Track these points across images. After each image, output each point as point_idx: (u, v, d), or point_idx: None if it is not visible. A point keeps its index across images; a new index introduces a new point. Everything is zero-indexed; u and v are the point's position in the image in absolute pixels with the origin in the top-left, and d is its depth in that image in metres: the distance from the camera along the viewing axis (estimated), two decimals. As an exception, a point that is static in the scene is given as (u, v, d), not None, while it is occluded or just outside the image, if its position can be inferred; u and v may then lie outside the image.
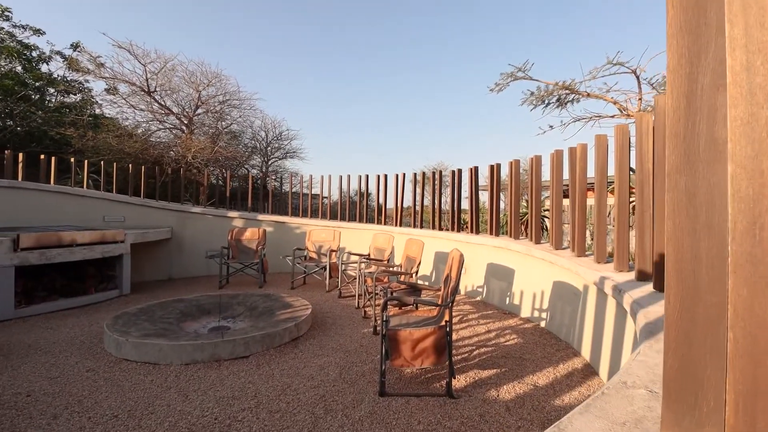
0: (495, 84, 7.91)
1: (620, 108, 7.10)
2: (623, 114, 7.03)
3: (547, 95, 7.49)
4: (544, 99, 7.63)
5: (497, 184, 5.85)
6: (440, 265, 6.22)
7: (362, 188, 7.89)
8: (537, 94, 7.52)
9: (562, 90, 7.17)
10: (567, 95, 7.39)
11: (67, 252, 4.88)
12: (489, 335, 3.96)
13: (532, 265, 4.63)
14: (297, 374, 2.97)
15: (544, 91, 7.39)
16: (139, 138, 10.83)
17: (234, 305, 4.71)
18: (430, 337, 2.52)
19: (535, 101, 7.72)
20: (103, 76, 10.90)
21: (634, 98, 6.85)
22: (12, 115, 11.37)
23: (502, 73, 7.67)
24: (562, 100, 7.49)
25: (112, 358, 3.27)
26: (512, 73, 7.39)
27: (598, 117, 7.57)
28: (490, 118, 45.64)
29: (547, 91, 7.39)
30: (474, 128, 45.51)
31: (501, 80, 7.69)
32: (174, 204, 7.67)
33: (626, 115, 6.93)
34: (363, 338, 3.83)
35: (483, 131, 46.05)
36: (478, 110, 44.49)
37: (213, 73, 11.53)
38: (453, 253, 3.03)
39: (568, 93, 7.31)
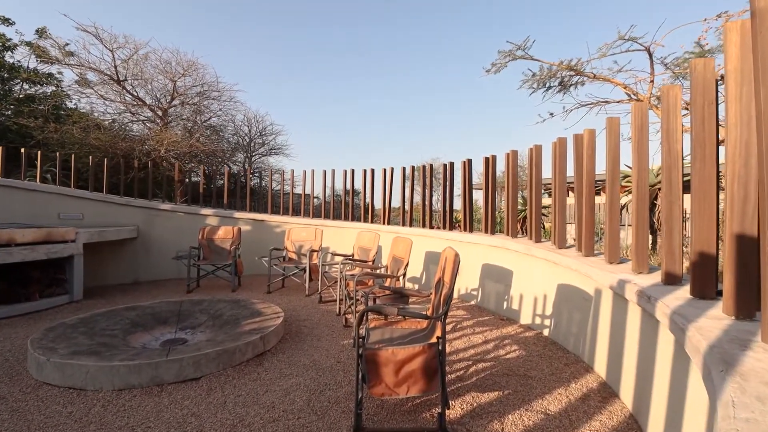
0: (492, 64, 7.36)
1: (629, 92, 6.62)
2: (632, 99, 6.55)
3: (549, 77, 6.95)
4: (545, 82, 7.11)
5: (493, 177, 5.36)
6: (431, 266, 5.71)
7: (348, 184, 7.34)
8: (538, 76, 6.98)
9: (565, 70, 6.63)
10: (570, 77, 6.86)
11: (4, 252, 4.23)
12: (487, 346, 3.45)
13: (533, 266, 4.15)
14: (255, 402, 2.42)
15: (546, 71, 6.86)
16: (107, 130, 10.10)
17: (196, 313, 4.12)
18: (417, 357, 1.99)
19: (535, 84, 7.19)
20: (70, 63, 10.13)
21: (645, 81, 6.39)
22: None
23: (500, 51, 7.10)
24: (565, 83, 6.94)
25: (32, 382, 2.68)
26: (511, 52, 6.81)
27: (605, 102, 7.06)
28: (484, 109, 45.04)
29: (549, 72, 6.84)
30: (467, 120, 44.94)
31: (498, 60, 7.14)
32: (140, 200, 7.02)
33: (636, 100, 6.47)
34: (341, 352, 3.29)
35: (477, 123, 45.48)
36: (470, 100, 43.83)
37: (188, 62, 10.84)
38: (446, 252, 2.51)
39: (573, 74, 6.77)
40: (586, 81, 6.91)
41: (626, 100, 6.80)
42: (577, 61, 6.61)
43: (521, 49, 6.72)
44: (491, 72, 7.49)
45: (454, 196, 6.16)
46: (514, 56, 6.83)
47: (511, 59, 6.94)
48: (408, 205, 6.67)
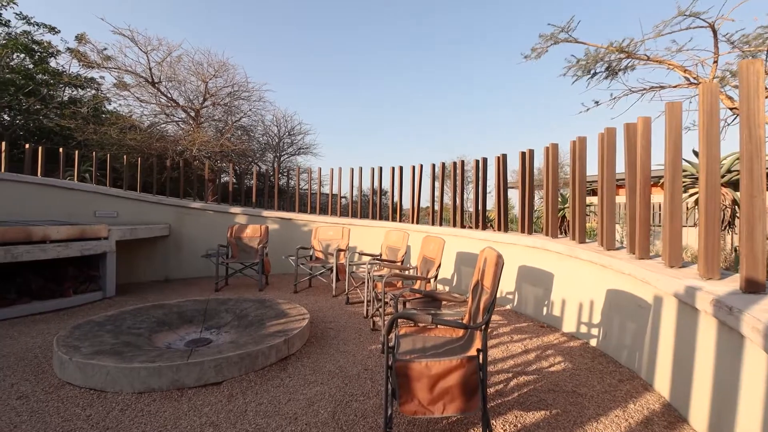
0: (531, 49, 6.84)
1: (688, 75, 5.96)
2: (691, 83, 5.94)
3: (595, 61, 6.37)
4: (590, 68, 6.56)
5: (530, 174, 5.00)
6: (463, 268, 5.42)
7: (375, 182, 7.16)
8: (583, 61, 6.41)
9: (614, 53, 6.03)
10: (620, 61, 6.25)
11: (38, 249, 4.32)
12: (527, 357, 3.15)
13: (577, 269, 3.79)
14: (276, 412, 2.25)
15: (592, 55, 6.29)
16: (142, 131, 10.41)
17: (222, 313, 4.04)
18: (455, 372, 1.75)
19: (580, 70, 6.64)
20: (108, 66, 10.52)
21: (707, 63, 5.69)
22: (21, 110, 11.14)
23: (542, 35, 6.55)
24: (613, 67, 6.35)
25: (55, 381, 2.63)
26: (552, 35, 6.31)
27: (659, 87, 6.43)
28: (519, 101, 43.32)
29: (596, 56, 6.27)
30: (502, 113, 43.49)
31: (539, 44, 6.61)
32: (172, 199, 7.11)
33: (695, 84, 5.85)
34: (369, 358, 3.08)
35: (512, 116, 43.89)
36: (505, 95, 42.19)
37: (219, 63, 11.02)
38: (486, 253, 2.25)
39: (623, 57, 6.15)
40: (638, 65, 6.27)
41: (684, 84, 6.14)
42: (629, 41, 5.99)
43: (564, 31, 6.16)
44: (531, 58, 6.96)
45: (486, 193, 5.85)
46: (557, 39, 6.30)
47: (553, 43, 6.41)
48: (438, 204, 6.40)
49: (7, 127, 10.77)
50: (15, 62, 11.29)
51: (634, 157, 3.40)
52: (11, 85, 10.61)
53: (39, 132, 11.25)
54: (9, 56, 10.97)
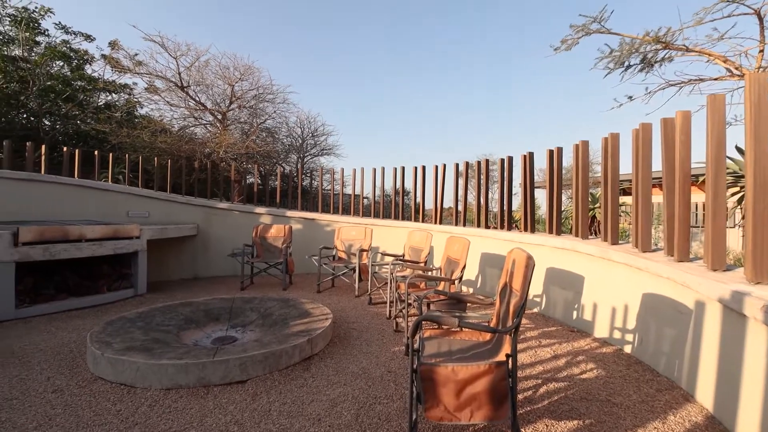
0: (561, 41, 6.55)
1: (730, 67, 5.56)
2: (733, 75, 5.54)
3: (629, 53, 6.04)
4: (623, 60, 6.23)
5: (558, 172, 4.84)
6: (487, 269, 5.30)
7: (398, 182, 7.11)
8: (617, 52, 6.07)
9: (651, 43, 5.68)
10: (656, 52, 5.90)
11: (74, 248, 4.50)
12: (557, 363, 3.03)
13: (609, 272, 3.62)
14: (300, 413, 2.24)
15: (626, 46, 5.95)
16: (172, 134, 10.77)
17: (247, 311, 4.09)
18: (483, 377, 1.68)
19: (612, 63, 6.32)
20: (140, 72, 10.94)
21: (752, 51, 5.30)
22: (60, 115, 11.73)
23: (572, 26, 6.26)
24: (648, 59, 6.00)
25: (88, 376, 2.72)
26: (584, 26, 6.02)
27: (698, 80, 6.03)
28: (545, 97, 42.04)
29: (630, 47, 5.93)
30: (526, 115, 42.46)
31: (570, 35, 6.33)
32: (200, 199, 7.29)
33: (738, 75, 5.45)
34: (392, 360, 3.04)
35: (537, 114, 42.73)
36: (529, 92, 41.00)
37: (245, 66, 11.27)
38: (514, 254, 2.16)
39: (659, 48, 5.79)
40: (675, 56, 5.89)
41: (726, 76, 5.73)
42: (666, 31, 5.62)
43: (597, 21, 5.84)
44: (560, 50, 6.67)
45: (512, 193, 5.70)
46: (588, 30, 6.00)
47: (584, 34, 6.11)
48: (462, 204, 6.30)
49: (47, 132, 11.36)
50: (55, 70, 11.90)
51: (672, 154, 3.22)
52: (51, 91, 11.19)
53: (76, 136, 11.80)
54: (49, 64, 11.58)
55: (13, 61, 10.77)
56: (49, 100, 11.18)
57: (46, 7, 11.65)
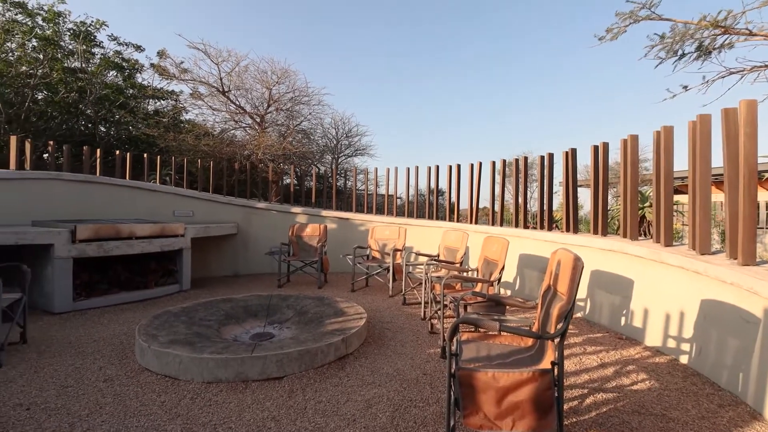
0: (607, 30, 6.12)
1: None
2: None
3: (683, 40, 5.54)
4: (676, 47, 5.75)
5: (604, 169, 4.57)
6: (526, 271, 5.10)
7: (432, 181, 7.01)
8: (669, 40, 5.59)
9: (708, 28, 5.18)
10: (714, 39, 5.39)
11: (125, 245, 4.77)
12: (604, 372, 2.84)
13: (662, 276, 3.37)
14: (335, 412, 2.23)
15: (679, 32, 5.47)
16: (214, 137, 11.23)
17: (283, 308, 4.17)
18: (526, 386, 1.59)
19: (664, 51, 5.85)
20: (185, 79, 11.51)
21: None
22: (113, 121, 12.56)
23: (618, 13, 5.85)
24: (705, 46, 5.49)
25: (136, 367, 2.86)
26: (632, 13, 5.59)
27: (763, 66, 5.42)
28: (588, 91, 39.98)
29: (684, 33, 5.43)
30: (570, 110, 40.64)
31: (616, 23, 5.90)
32: (240, 199, 7.55)
33: None
34: (427, 362, 2.98)
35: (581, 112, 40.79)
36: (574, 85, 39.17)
37: (282, 70, 11.54)
38: (559, 256, 2.04)
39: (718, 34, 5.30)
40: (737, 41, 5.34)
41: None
42: (727, 14, 5.12)
43: (646, 7, 5.39)
44: (606, 40, 6.23)
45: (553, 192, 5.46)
46: (636, 18, 5.55)
47: (632, 21, 5.66)
48: (498, 203, 6.11)
49: (102, 137, 12.21)
50: (109, 79, 12.76)
51: (735, 148, 2.94)
52: (106, 100, 12.01)
53: (128, 140, 12.60)
54: (104, 74, 12.43)
55: (72, 73, 11.65)
56: (104, 107, 12.01)
57: (101, 21, 12.52)
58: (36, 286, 4.31)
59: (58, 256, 4.24)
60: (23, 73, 10.75)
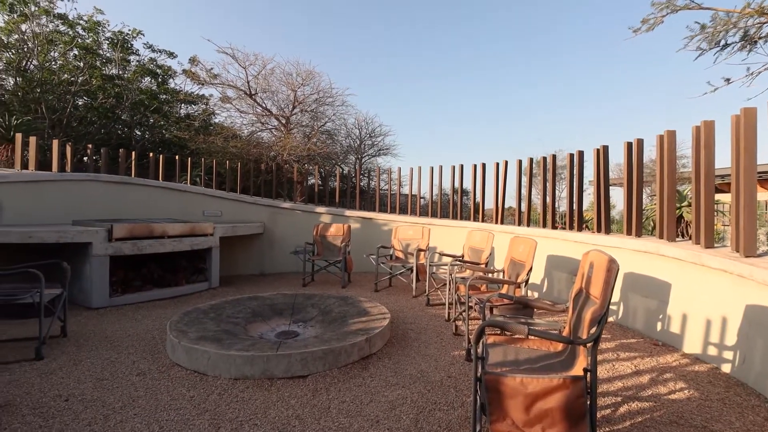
0: (642, 21, 5.84)
1: None
2: None
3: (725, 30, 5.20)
4: (718, 38, 5.39)
5: (638, 167, 4.38)
6: (554, 272, 4.94)
7: (456, 181, 6.92)
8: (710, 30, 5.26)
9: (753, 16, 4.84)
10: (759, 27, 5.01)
11: (158, 243, 4.95)
12: (639, 379, 2.71)
13: (702, 279, 3.18)
14: (359, 413, 2.22)
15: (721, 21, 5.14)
16: (242, 139, 11.53)
17: (308, 307, 4.21)
18: (556, 393, 1.53)
19: (705, 42, 5.51)
20: (214, 83, 11.87)
21: None
22: (147, 125, 13.11)
23: (655, 3, 5.58)
24: (749, 36, 5.13)
25: (167, 361, 2.95)
26: (669, 2, 5.31)
27: None
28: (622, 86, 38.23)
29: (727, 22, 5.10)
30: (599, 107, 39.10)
31: (653, 14, 5.62)
32: (265, 199, 7.69)
33: None
34: (452, 365, 2.93)
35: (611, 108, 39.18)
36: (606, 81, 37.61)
37: (306, 72, 11.73)
38: (592, 257, 1.96)
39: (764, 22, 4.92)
40: None
41: None
42: None
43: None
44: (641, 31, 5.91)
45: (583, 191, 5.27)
46: (674, 7, 5.25)
47: (669, 11, 5.36)
48: (525, 203, 5.96)
49: (138, 140, 12.76)
50: (144, 85, 13.33)
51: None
52: (141, 105, 12.55)
53: (161, 143, 13.12)
54: (139, 80, 12.99)
55: (110, 80, 12.24)
56: (139, 112, 12.56)
57: (137, 30, 13.09)
58: (75, 283, 4.54)
59: (96, 254, 4.45)
60: (65, 80, 11.37)
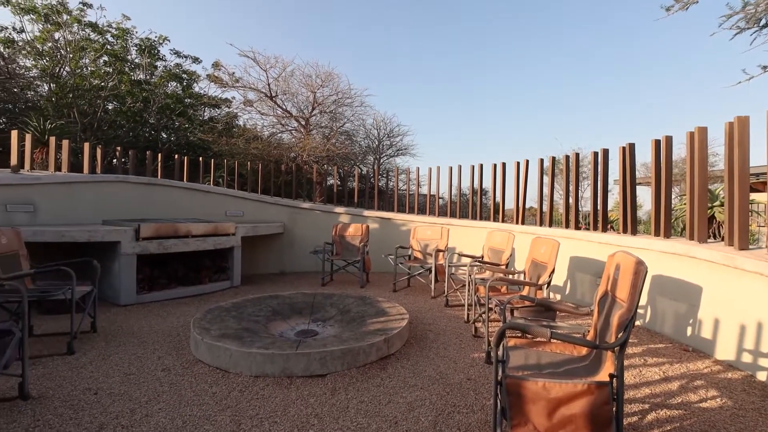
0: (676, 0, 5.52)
1: None
2: None
3: None
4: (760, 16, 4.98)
5: (667, 165, 4.22)
6: (577, 274, 4.82)
7: (475, 181, 6.84)
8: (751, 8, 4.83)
9: None
10: None
11: (182, 243, 5.08)
12: (668, 386, 2.61)
13: (737, 283, 3.03)
14: (377, 413, 2.22)
15: None
16: (263, 140, 11.73)
17: (327, 307, 4.24)
18: (581, 399, 1.48)
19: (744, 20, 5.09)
20: (236, 86, 12.12)
21: None
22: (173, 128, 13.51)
23: None
24: None
25: (190, 358, 3.02)
26: None
27: None
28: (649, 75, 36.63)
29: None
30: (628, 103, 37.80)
31: None
32: (285, 200, 7.80)
33: None
34: (471, 367, 2.89)
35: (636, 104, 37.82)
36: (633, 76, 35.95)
37: (326, 73, 11.83)
38: (619, 259, 1.89)
39: None
40: None
41: None
42: None
43: None
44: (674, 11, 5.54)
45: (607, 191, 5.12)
46: None
47: None
48: (547, 203, 5.83)
49: (164, 143, 13.15)
50: (170, 90, 13.74)
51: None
52: (167, 109, 12.95)
53: (186, 146, 13.49)
54: (165, 85, 13.41)
55: (138, 84, 12.67)
56: (165, 116, 12.95)
57: (164, 36, 13.53)
58: (105, 280, 4.71)
59: (124, 253, 4.60)
60: (95, 86, 11.84)
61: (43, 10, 11.71)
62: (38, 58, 11.73)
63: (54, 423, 2.07)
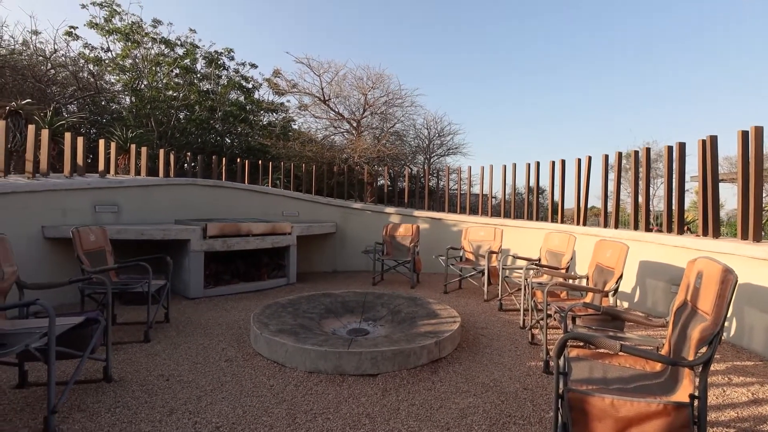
0: None
1: None
2: None
3: None
4: None
5: (756, 158, 3.73)
6: (648, 281, 4.42)
7: (531, 179, 6.53)
8: None
9: None
10: None
11: (244, 241, 5.39)
12: (759, 410, 2.30)
13: None
14: (428, 418, 2.18)
15: None
16: (317, 143, 12.14)
17: (378, 306, 4.28)
18: (655, 420, 1.34)
19: None
20: (293, 91, 12.66)
21: None
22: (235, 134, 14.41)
23: None
24: None
25: (250, 350, 3.19)
26: None
27: None
28: None
29: None
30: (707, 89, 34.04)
31: None
32: (338, 200, 7.99)
33: None
34: (528, 376, 2.76)
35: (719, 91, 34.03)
36: None
37: (377, 75, 11.97)
38: (701, 266, 1.69)
39: None
40: None
41: None
42: None
43: None
44: None
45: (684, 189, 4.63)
46: None
47: None
48: (612, 202, 5.41)
49: (228, 147, 14.08)
50: (233, 98, 14.69)
51: None
52: (230, 115, 13.85)
53: (247, 150, 14.34)
54: (229, 94, 14.36)
55: (205, 94, 13.68)
56: (228, 122, 13.86)
57: (229, 48, 14.53)
58: (176, 275, 5.13)
59: (193, 250, 4.98)
60: (169, 97, 12.95)
61: (124, 29, 13.04)
62: (121, 73, 13.08)
63: (132, 405, 2.28)
